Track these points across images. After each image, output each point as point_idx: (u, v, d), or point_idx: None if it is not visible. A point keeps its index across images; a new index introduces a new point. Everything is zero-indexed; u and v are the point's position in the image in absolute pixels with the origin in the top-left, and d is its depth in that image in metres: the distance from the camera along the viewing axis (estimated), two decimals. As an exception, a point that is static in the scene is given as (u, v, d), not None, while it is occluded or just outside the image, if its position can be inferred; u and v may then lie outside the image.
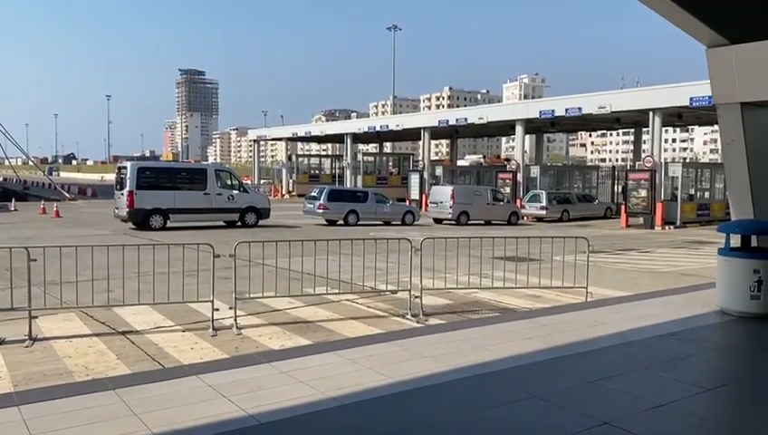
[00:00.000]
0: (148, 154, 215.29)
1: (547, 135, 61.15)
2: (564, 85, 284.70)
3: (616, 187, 37.02)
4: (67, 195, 44.60)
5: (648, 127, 29.13)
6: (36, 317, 7.92)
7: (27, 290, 7.54)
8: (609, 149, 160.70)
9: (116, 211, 23.05)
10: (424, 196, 36.40)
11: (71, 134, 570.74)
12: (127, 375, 6.13)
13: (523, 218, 29.83)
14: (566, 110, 31.80)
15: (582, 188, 37.96)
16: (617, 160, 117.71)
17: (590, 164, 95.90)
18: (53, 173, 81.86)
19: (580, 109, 31.14)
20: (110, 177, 46.93)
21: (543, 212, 30.68)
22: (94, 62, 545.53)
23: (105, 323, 8.43)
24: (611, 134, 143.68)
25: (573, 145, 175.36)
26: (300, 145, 69.97)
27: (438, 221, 28.04)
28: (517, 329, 7.51)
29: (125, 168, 22.93)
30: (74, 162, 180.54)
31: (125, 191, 22.00)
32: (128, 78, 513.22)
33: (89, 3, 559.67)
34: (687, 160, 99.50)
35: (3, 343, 7.29)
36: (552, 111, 32.70)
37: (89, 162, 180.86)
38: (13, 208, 32.25)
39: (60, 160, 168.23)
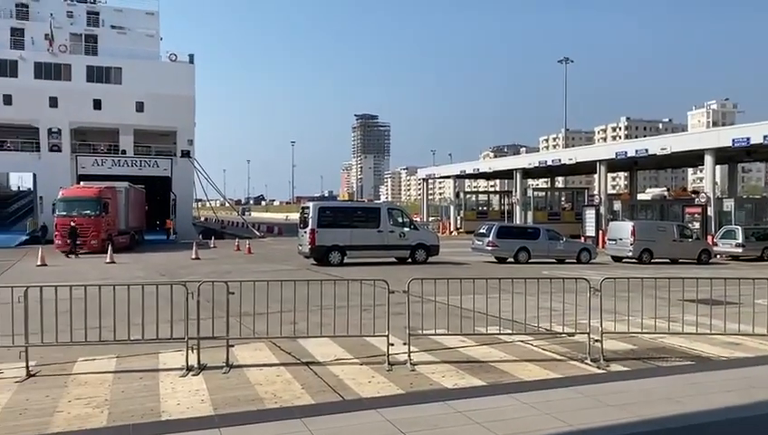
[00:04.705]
0: (326, 194, 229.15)
1: (741, 165, 55.60)
2: (760, 110, 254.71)
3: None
4: (257, 233, 48.85)
5: None
6: (233, 346, 8.70)
7: (225, 320, 8.32)
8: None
9: (300, 248, 24.79)
10: (601, 232, 34.76)
11: (260, 177, 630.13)
12: (312, 405, 6.48)
13: (715, 257, 27.34)
14: (764, 137, 28.86)
15: (787, 222, 33.88)
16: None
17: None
18: (246, 213, 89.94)
19: (781, 135, 28.03)
20: (294, 216, 50.55)
21: (740, 250, 27.80)
22: (282, 112, 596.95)
23: (291, 353, 9.00)
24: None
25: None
26: (467, 182, 70.38)
27: (617, 259, 26.52)
28: (713, 380, 6.83)
29: (308, 207, 24.68)
30: (263, 203, 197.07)
31: (308, 229, 23.59)
32: (309, 125, 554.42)
33: (271, 56, 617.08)
34: None
35: (205, 369, 8.09)
36: (748, 138, 29.88)
37: (275, 203, 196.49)
38: (213, 245, 36.04)
39: (251, 202, 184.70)
